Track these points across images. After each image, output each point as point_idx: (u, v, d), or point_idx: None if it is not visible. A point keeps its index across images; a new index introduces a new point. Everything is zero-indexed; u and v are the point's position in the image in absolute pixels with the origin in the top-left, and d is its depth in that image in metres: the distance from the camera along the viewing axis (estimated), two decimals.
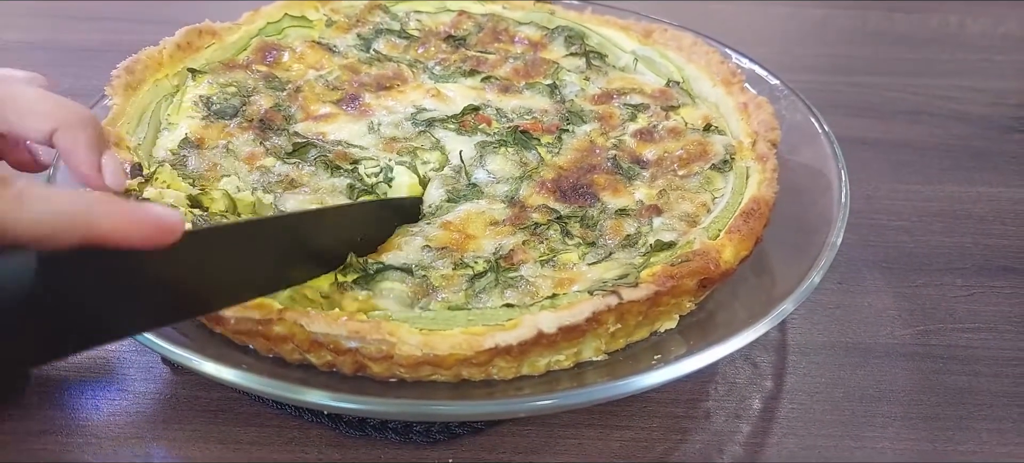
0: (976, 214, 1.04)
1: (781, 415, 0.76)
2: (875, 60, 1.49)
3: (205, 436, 0.71)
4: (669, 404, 0.76)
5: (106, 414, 0.72)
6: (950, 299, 0.90)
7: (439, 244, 0.76)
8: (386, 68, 1.03)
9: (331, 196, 0.81)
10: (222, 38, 1.02)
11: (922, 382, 0.80)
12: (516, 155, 0.88)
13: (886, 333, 0.85)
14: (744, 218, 0.77)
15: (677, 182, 0.85)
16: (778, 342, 0.84)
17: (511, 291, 0.71)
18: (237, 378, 0.61)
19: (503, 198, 0.83)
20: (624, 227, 0.79)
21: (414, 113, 0.95)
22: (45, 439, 0.70)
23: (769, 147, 0.88)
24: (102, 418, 0.72)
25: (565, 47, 1.11)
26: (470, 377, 0.65)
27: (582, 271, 0.73)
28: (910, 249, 0.97)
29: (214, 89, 0.94)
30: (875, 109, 1.29)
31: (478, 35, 1.13)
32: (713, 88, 1.01)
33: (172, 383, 0.75)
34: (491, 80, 1.02)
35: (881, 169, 1.13)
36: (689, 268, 0.69)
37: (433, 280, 0.72)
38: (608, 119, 0.97)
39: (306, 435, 0.71)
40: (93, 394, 0.74)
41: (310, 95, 0.96)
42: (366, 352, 0.62)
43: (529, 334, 0.62)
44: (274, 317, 0.63)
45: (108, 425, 0.71)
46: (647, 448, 0.72)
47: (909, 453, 0.73)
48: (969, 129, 1.24)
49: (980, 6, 1.68)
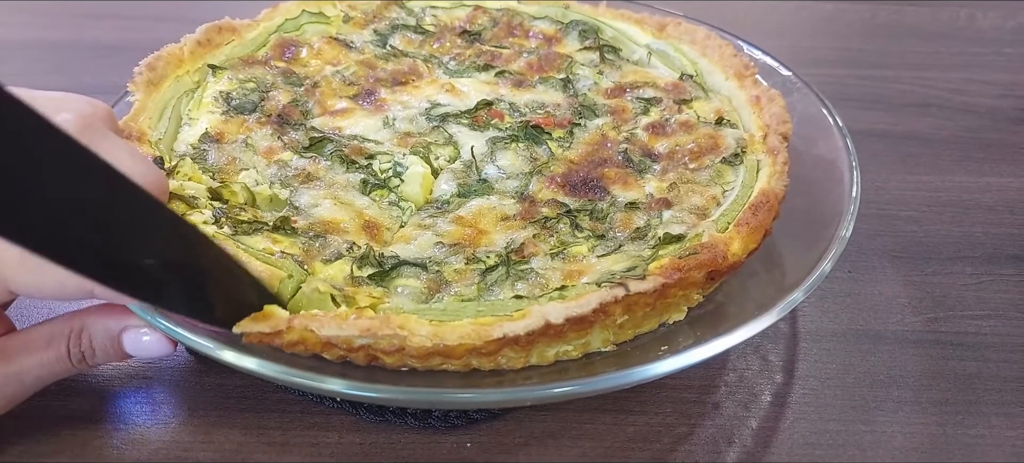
0: (985, 204, 1.05)
1: (792, 400, 0.77)
2: (885, 53, 1.50)
3: (229, 422, 0.73)
4: (682, 390, 0.77)
5: (133, 401, 0.74)
6: (959, 287, 0.91)
7: (452, 240, 0.77)
8: (402, 63, 1.05)
9: (345, 191, 0.83)
10: (241, 35, 1.04)
11: (932, 368, 0.81)
12: (527, 150, 0.90)
13: (896, 320, 0.87)
14: (753, 211, 0.78)
15: (688, 175, 0.87)
16: (789, 332, 0.85)
17: (521, 283, 0.72)
18: (258, 367, 0.62)
19: (513, 193, 0.84)
20: (634, 220, 0.80)
21: (428, 108, 0.96)
22: (73, 424, 0.72)
23: (780, 140, 0.88)
24: (129, 404, 0.74)
25: (579, 41, 1.12)
26: (480, 367, 0.67)
27: (591, 263, 0.74)
28: (920, 238, 0.99)
29: (234, 85, 0.96)
30: (885, 101, 1.30)
31: (493, 30, 1.15)
32: (726, 81, 1.02)
33: (197, 372, 0.77)
34: (505, 74, 1.04)
35: (891, 160, 1.14)
36: (697, 261, 0.70)
37: (446, 275, 0.73)
38: (620, 113, 0.98)
39: (327, 421, 0.73)
40: (121, 382, 0.76)
41: (327, 90, 0.98)
42: (377, 347, 0.63)
43: (537, 324, 0.63)
44: (284, 328, 0.63)
45: (135, 411, 0.73)
46: (660, 434, 0.73)
47: (919, 436, 0.74)
48: (979, 121, 1.25)
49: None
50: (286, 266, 0.69)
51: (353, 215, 0.79)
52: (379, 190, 0.84)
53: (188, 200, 0.76)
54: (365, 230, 0.78)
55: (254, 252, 0.70)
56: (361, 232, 0.78)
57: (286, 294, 0.68)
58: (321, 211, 0.79)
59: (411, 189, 0.84)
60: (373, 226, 0.79)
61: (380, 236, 0.79)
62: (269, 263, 0.69)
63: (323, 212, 0.79)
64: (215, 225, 0.73)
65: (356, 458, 0.70)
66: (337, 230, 0.77)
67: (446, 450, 0.71)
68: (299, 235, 0.76)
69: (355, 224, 0.78)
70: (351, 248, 0.75)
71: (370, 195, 0.83)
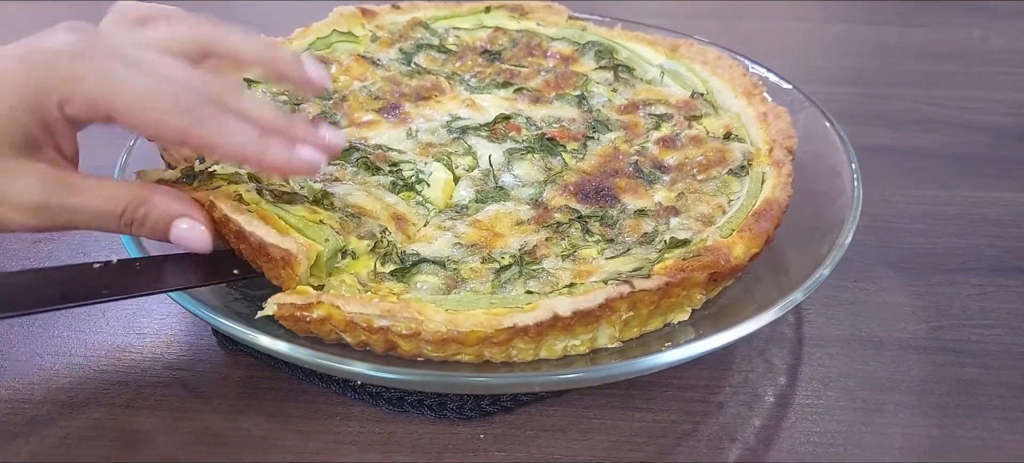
0: (991, 218, 1.07)
1: (795, 402, 0.80)
2: (893, 72, 1.52)
3: (256, 410, 0.77)
4: (687, 390, 0.80)
5: (163, 387, 0.79)
6: (963, 297, 0.93)
7: (469, 241, 0.82)
8: (425, 80, 1.10)
9: (376, 189, 0.88)
10: None
11: (934, 373, 0.83)
12: (542, 160, 0.94)
13: (900, 328, 0.89)
14: (756, 218, 0.82)
15: (695, 186, 0.90)
16: (794, 337, 0.87)
17: (533, 281, 0.76)
18: (289, 350, 0.67)
19: (528, 200, 0.89)
20: (642, 226, 0.84)
21: (449, 121, 1.01)
22: (107, 409, 0.76)
23: (785, 154, 0.92)
24: (159, 391, 0.78)
25: (595, 61, 1.16)
26: (491, 357, 0.70)
27: (600, 264, 0.78)
28: (925, 250, 1.01)
29: (267, 97, 1.02)
30: (892, 118, 1.33)
31: (513, 50, 1.20)
32: (735, 99, 1.06)
33: (226, 363, 0.82)
34: (523, 91, 1.09)
35: (898, 175, 1.16)
36: (700, 262, 0.74)
37: (463, 273, 0.78)
38: (633, 128, 1.02)
39: (349, 410, 0.77)
40: (155, 372, 0.81)
41: (354, 104, 1.03)
42: (395, 330, 0.68)
43: (545, 316, 0.67)
44: (313, 302, 0.69)
45: (166, 397, 0.78)
46: (665, 430, 0.76)
47: (919, 438, 0.76)
48: (986, 137, 1.27)
49: (1003, 21, 1.71)
50: (324, 232, 0.75)
51: (383, 207, 0.85)
52: (407, 191, 0.89)
53: (229, 176, 0.81)
54: (394, 220, 0.84)
55: (294, 219, 0.76)
56: (391, 221, 0.83)
57: (323, 262, 0.74)
58: (355, 199, 0.85)
59: (433, 193, 0.89)
60: (402, 218, 0.84)
61: (407, 229, 0.84)
62: (308, 232, 0.75)
63: (357, 199, 0.85)
64: (257, 194, 0.79)
65: (375, 446, 0.74)
66: (370, 214, 0.83)
67: (460, 440, 0.74)
68: (337, 210, 0.81)
69: (385, 215, 0.84)
70: (384, 231, 0.81)
71: (399, 195, 0.88)
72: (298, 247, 0.71)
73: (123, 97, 0.68)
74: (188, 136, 0.70)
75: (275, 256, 0.72)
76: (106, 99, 0.68)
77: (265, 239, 0.72)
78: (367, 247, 0.79)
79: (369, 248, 0.79)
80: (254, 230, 0.72)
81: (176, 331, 0.85)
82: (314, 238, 0.75)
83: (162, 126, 0.69)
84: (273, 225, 0.74)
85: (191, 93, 0.70)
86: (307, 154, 0.74)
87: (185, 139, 0.70)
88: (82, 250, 0.97)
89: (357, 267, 0.77)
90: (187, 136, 0.70)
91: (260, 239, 0.72)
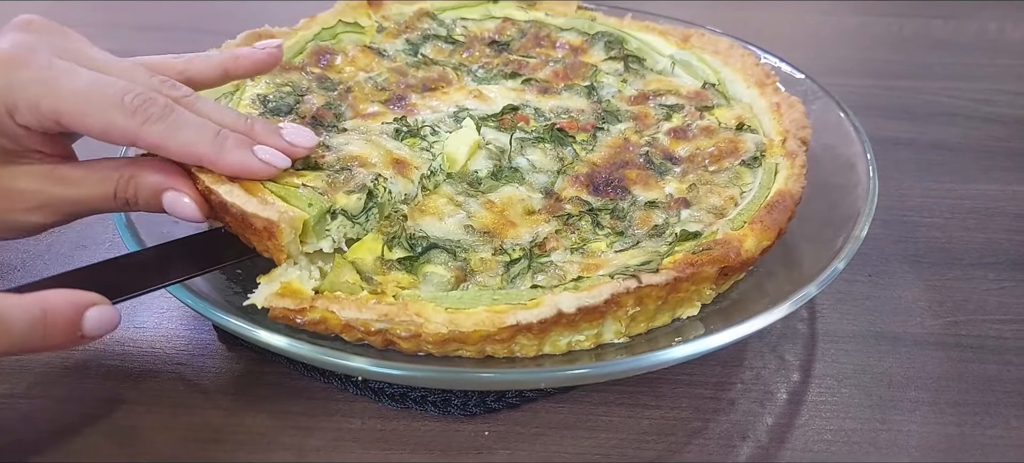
0: (1010, 212, 1.05)
1: (808, 399, 0.78)
2: (910, 65, 1.50)
3: (257, 407, 0.75)
4: (698, 386, 0.78)
5: (165, 383, 0.78)
6: (981, 292, 0.91)
7: (481, 226, 0.80)
8: (432, 71, 1.08)
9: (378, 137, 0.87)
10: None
11: (951, 370, 0.81)
12: (554, 150, 0.92)
13: (916, 323, 0.87)
14: (768, 210, 0.80)
15: (707, 177, 0.88)
16: (807, 333, 0.86)
17: (541, 275, 0.74)
18: (288, 346, 0.66)
19: (540, 188, 0.87)
20: (652, 218, 0.83)
21: (456, 111, 0.99)
22: (104, 405, 0.75)
23: (799, 144, 0.90)
24: (158, 386, 0.77)
25: (605, 51, 1.14)
26: (494, 354, 0.69)
27: (609, 258, 0.76)
28: (942, 244, 0.99)
29: (270, 88, 1.00)
30: (910, 111, 1.30)
31: (521, 40, 1.18)
32: (747, 89, 1.04)
33: (226, 357, 0.80)
34: (531, 82, 1.07)
35: (915, 168, 1.14)
36: (710, 256, 0.72)
37: (473, 263, 0.76)
38: (643, 118, 1.00)
39: (351, 407, 0.75)
40: (155, 366, 0.79)
41: (359, 95, 1.01)
42: (394, 332, 0.66)
43: (549, 313, 0.66)
44: (307, 306, 0.67)
45: (165, 392, 0.77)
46: (675, 428, 0.74)
47: (935, 436, 0.74)
48: (1006, 130, 1.25)
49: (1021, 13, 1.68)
50: (307, 196, 0.74)
51: (383, 153, 0.84)
52: (411, 137, 0.88)
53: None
54: (393, 164, 0.82)
55: (275, 185, 0.75)
56: (388, 165, 0.82)
57: (311, 228, 0.73)
58: (351, 147, 0.83)
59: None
60: (402, 163, 0.83)
61: (408, 173, 0.82)
62: (290, 199, 0.73)
63: (353, 148, 0.83)
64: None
65: (377, 443, 0.72)
66: (364, 163, 0.81)
67: (464, 437, 0.73)
68: (324, 169, 0.80)
69: (384, 160, 0.82)
70: (376, 179, 0.79)
71: (402, 141, 0.88)
72: (280, 215, 0.70)
73: (66, 97, 0.66)
74: (139, 136, 0.68)
75: (258, 226, 0.70)
76: (50, 103, 0.66)
77: (245, 209, 0.70)
78: (358, 202, 0.77)
79: (360, 203, 0.77)
80: (234, 200, 0.71)
81: (176, 325, 0.84)
82: (296, 204, 0.73)
83: (110, 126, 0.67)
84: (255, 193, 0.72)
85: (140, 93, 0.68)
86: (267, 155, 0.73)
87: (136, 139, 0.68)
88: (81, 243, 0.96)
89: (363, 253, 0.75)
90: (138, 136, 0.68)
91: (240, 209, 0.70)
